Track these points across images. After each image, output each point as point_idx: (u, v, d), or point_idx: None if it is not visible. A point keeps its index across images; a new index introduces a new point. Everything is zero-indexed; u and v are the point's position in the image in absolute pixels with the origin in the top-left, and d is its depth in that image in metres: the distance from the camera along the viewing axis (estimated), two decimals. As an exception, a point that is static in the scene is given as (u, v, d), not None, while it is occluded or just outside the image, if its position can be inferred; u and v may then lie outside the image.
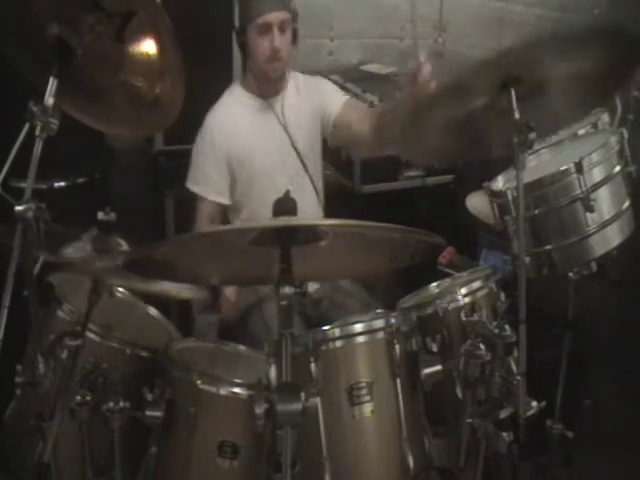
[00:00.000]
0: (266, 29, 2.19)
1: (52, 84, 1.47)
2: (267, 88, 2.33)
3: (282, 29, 2.21)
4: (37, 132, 1.45)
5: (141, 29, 1.51)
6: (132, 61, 1.56)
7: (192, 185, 2.32)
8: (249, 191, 2.33)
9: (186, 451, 1.69)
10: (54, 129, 1.47)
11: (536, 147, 2.05)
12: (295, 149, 2.36)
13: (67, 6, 1.52)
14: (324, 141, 2.48)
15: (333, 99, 2.44)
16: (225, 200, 2.33)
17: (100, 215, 1.61)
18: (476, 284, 1.85)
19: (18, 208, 1.40)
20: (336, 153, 2.72)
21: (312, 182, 2.41)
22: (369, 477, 1.67)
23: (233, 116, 2.33)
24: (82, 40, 1.53)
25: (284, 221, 1.35)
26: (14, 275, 1.42)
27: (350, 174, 3.00)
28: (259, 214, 2.27)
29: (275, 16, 2.19)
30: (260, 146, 2.33)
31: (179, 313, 2.70)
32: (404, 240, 1.46)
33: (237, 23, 2.27)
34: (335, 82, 3.11)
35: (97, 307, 1.66)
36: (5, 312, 1.41)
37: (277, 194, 1.41)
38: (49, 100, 1.46)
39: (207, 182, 2.31)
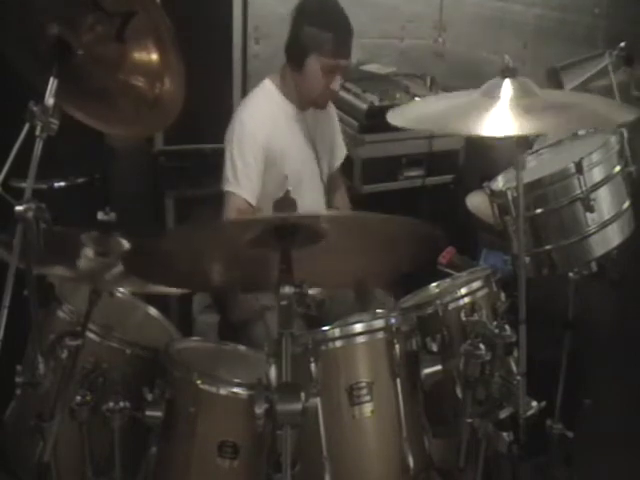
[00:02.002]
0: (332, 71, 2.22)
1: (52, 84, 1.47)
2: (307, 104, 2.34)
3: (343, 73, 2.26)
4: (37, 132, 1.45)
5: (141, 29, 1.50)
6: (132, 61, 1.56)
7: (228, 186, 2.24)
8: (272, 196, 2.30)
9: (186, 451, 1.69)
10: (54, 129, 1.47)
11: (536, 147, 2.05)
12: (318, 165, 2.41)
13: (67, 6, 1.52)
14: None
15: (340, 152, 2.59)
16: (254, 202, 2.25)
17: (100, 215, 1.61)
18: (476, 284, 1.85)
19: (18, 208, 1.40)
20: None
21: (325, 193, 2.47)
22: (369, 477, 1.67)
23: (271, 118, 2.30)
24: (82, 40, 1.53)
25: (286, 215, 1.35)
26: (14, 275, 1.42)
27: (350, 174, 2.99)
28: None
29: (344, 62, 2.23)
30: (293, 153, 2.33)
31: (179, 313, 2.70)
32: (401, 231, 1.46)
33: (299, 36, 2.22)
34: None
35: (97, 307, 1.66)
36: (5, 312, 1.41)
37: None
38: (49, 100, 1.46)
39: (244, 182, 2.23)
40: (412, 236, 1.51)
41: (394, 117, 1.69)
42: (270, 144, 2.27)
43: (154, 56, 1.54)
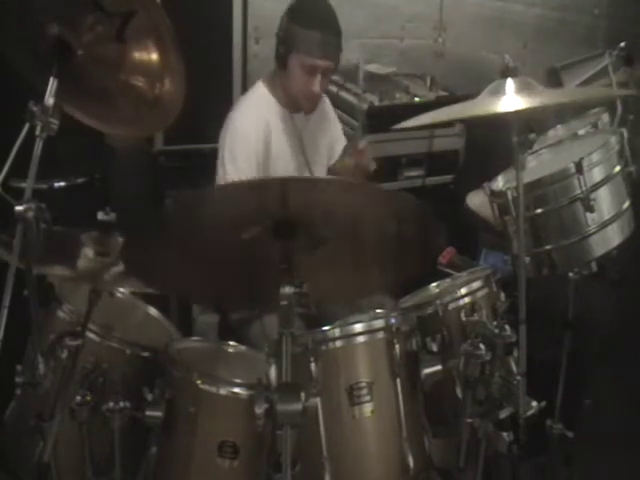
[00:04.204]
0: (311, 71, 2.19)
1: (52, 84, 1.47)
2: (294, 106, 2.32)
3: (325, 75, 2.22)
4: (37, 132, 1.45)
5: (141, 29, 1.50)
6: (132, 61, 1.55)
7: (222, 180, 2.21)
8: None
9: (186, 451, 1.69)
10: (54, 129, 1.47)
11: (536, 147, 2.06)
12: (309, 169, 2.39)
13: (67, 6, 1.51)
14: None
15: (339, 146, 2.55)
16: None
17: (100, 215, 1.60)
18: (476, 284, 1.85)
19: (18, 208, 1.40)
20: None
21: None
22: (369, 477, 1.67)
23: (264, 122, 2.28)
24: (82, 40, 1.52)
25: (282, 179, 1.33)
26: (14, 275, 1.42)
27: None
28: None
29: (324, 63, 2.19)
30: (284, 156, 2.32)
31: (179, 313, 2.70)
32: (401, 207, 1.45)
33: (283, 34, 2.20)
34: (335, 82, 3.12)
35: (97, 307, 1.66)
36: (5, 312, 1.41)
37: None
38: (49, 100, 1.46)
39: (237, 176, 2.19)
40: (413, 222, 1.49)
41: (419, 120, 1.73)
42: (262, 148, 2.25)
43: (154, 56, 1.54)
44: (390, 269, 1.63)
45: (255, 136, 2.25)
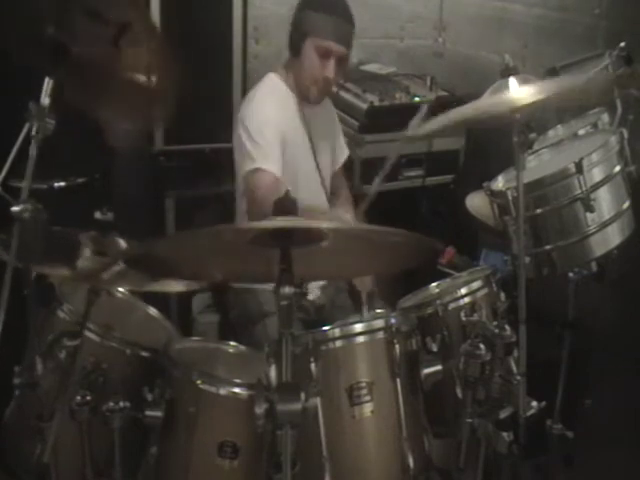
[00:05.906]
0: (326, 54, 2.22)
1: (47, 84, 1.47)
2: (303, 95, 2.34)
3: (338, 63, 2.25)
4: (33, 132, 1.45)
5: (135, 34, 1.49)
6: (127, 58, 1.54)
7: (253, 163, 2.18)
8: None
9: (186, 451, 1.69)
10: (50, 129, 1.46)
11: (536, 147, 2.06)
12: (315, 159, 2.40)
13: (64, 10, 1.51)
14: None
15: (341, 154, 2.60)
16: (280, 174, 2.19)
17: (98, 215, 1.60)
18: (476, 284, 1.85)
19: (14, 209, 1.40)
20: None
21: (324, 187, 2.47)
22: (369, 477, 1.67)
23: (281, 104, 2.32)
24: (78, 41, 1.52)
25: (284, 222, 1.34)
26: (11, 275, 1.42)
27: (350, 174, 2.99)
28: None
29: (339, 48, 2.23)
30: (293, 142, 2.33)
31: (179, 313, 2.70)
32: (403, 243, 1.46)
33: (298, 20, 2.24)
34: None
35: (97, 307, 1.66)
36: (3, 313, 1.41)
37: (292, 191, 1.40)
38: (45, 100, 1.46)
39: (270, 157, 2.19)
40: (411, 247, 1.49)
41: (433, 124, 1.75)
42: (281, 127, 2.27)
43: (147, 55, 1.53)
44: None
45: (277, 115, 2.27)
